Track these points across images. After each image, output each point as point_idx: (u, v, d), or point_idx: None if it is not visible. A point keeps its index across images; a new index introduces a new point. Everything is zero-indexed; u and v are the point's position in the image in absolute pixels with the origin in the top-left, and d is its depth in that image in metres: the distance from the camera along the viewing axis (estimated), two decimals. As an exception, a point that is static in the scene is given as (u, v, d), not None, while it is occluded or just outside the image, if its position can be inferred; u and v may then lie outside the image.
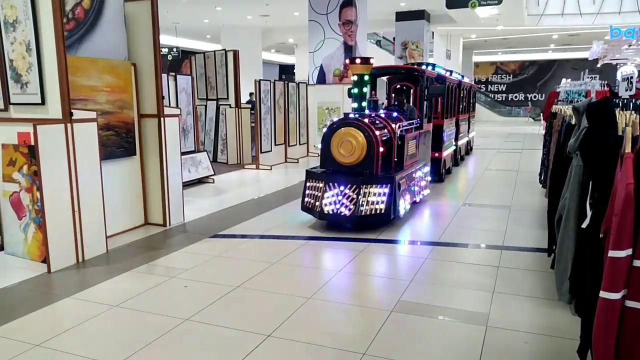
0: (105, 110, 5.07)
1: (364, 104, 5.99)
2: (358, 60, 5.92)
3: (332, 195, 5.43)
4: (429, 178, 7.24)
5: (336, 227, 5.56)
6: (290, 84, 11.69)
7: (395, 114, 6.47)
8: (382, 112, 6.33)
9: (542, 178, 7.80)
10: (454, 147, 10.07)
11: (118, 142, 5.25)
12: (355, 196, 5.33)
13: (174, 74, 9.74)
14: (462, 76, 12.12)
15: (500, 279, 4.13)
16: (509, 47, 30.24)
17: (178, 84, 9.55)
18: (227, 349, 2.99)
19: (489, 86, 35.74)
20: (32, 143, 4.16)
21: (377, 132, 5.52)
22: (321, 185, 5.56)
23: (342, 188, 5.40)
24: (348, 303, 3.71)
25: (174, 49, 22.16)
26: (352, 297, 3.83)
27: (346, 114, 5.90)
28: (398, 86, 7.62)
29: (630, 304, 1.83)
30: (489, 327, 3.26)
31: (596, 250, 2.12)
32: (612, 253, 1.82)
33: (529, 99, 33.95)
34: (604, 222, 2.04)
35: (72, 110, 4.34)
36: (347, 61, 5.42)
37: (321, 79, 13.28)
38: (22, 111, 4.47)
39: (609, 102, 2.57)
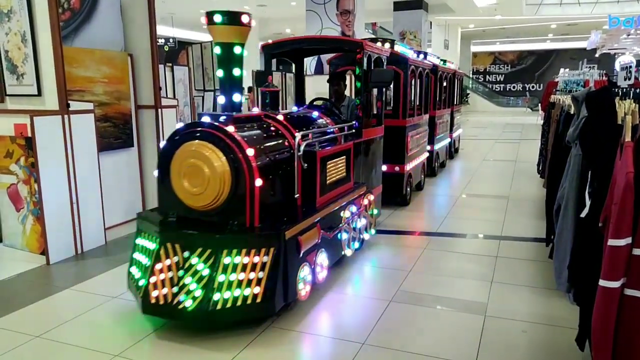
0: (102, 102, 5.04)
1: (237, 97, 3.50)
2: (218, 18, 3.25)
3: (169, 268, 3.02)
4: (376, 211, 4.90)
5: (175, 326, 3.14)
6: (287, 74, 11.63)
7: (316, 114, 4.37)
8: (283, 113, 3.92)
9: (540, 168, 7.81)
10: (426, 155, 7.62)
11: (115, 133, 5.22)
12: (207, 271, 2.94)
13: (170, 64, 9.69)
14: (443, 61, 9.72)
15: (499, 268, 4.14)
16: (507, 37, 30.16)
17: (175, 75, 9.50)
18: (227, 338, 2.99)
19: (487, 76, 35.68)
20: (29, 135, 4.14)
21: (252, 151, 3.12)
22: (153, 246, 3.21)
23: (186, 254, 3.04)
24: (347, 293, 3.72)
25: (171, 40, 22.02)
26: (352, 287, 3.84)
27: (201, 115, 3.41)
28: (340, 72, 5.69)
29: (629, 292, 1.83)
30: (488, 316, 3.28)
31: (595, 239, 2.12)
32: (611, 242, 1.82)
33: (527, 89, 33.93)
34: (603, 211, 2.04)
35: (69, 102, 4.32)
36: (204, 19, 3.30)
37: (319, 70, 13.21)
38: (18, 102, 4.44)
39: (608, 91, 2.56)
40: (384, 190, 5.54)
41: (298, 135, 3.51)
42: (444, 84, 9.32)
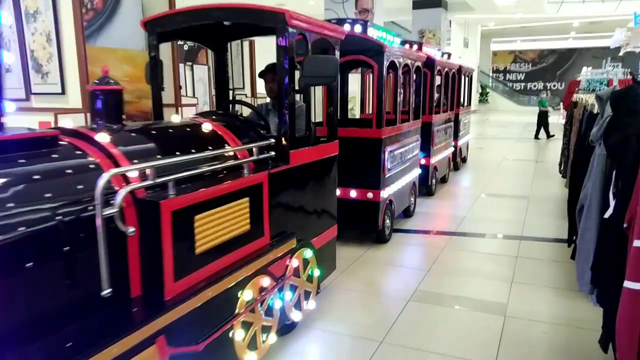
0: (126, 101, 5.11)
1: None
2: None
3: None
4: (318, 271, 3.20)
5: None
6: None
7: (207, 128, 2.72)
8: (112, 131, 2.29)
9: (562, 168, 7.69)
10: (418, 172, 5.97)
11: (136, 131, 5.30)
12: None
13: (190, 63, 9.78)
14: (447, 54, 8.19)
15: (519, 269, 4.10)
16: (528, 35, 29.75)
17: (195, 74, 9.59)
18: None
19: (507, 75, 35.23)
20: (53, 132, 4.22)
21: None
22: None
23: None
24: (366, 292, 3.71)
25: (190, 39, 22.20)
26: (370, 286, 3.83)
27: None
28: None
29: (655, 294, 1.80)
30: (507, 317, 3.24)
31: (619, 240, 2.09)
32: (637, 242, 1.79)
33: (549, 88, 33.40)
34: (628, 212, 2.00)
35: (92, 100, 4.39)
36: None
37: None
38: (43, 101, 4.53)
39: (634, 90, 2.51)
40: (352, 225, 4.56)
41: (108, 173, 1.85)
42: (447, 82, 7.70)
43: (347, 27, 4.38)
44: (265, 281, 2.59)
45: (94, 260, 1.78)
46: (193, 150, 2.43)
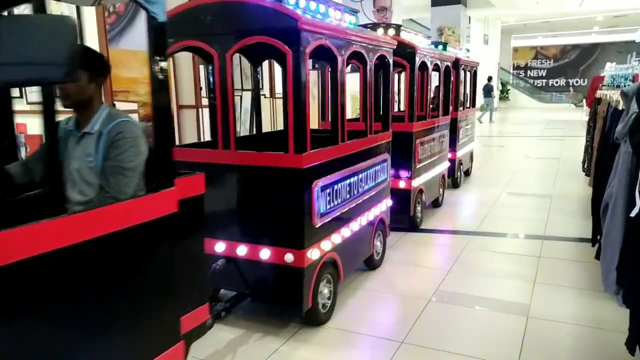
0: (146, 102, 5.19)
1: None
2: None
3: None
4: None
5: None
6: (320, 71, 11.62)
7: None
8: None
9: (585, 166, 7.56)
10: (387, 204, 4.19)
11: (158, 132, 5.37)
12: None
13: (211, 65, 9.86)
14: (442, 46, 6.25)
15: (542, 269, 4.04)
16: (550, 30, 29.27)
17: (214, 75, 9.66)
18: (266, 335, 3.03)
19: (528, 71, 34.70)
20: (77, 134, 4.30)
21: None
22: None
23: None
24: (385, 291, 3.70)
25: (209, 40, 22.38)
26: (390, 286, 3.82)
27: None
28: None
29: (683, 295, 1.76)
30: (530, 317, 3.20)
31: (646, 239, 2.05)
32: (664, 243, 1.75)
33: (571, 84, 32.80)
34: (655, 211, 1.96)
35: (114, 102, 4.47)
36: None
37: (355, 68, 13.15)
38: (67, 103, 4.63)
39: (661, 86, 2.46)
40: (267, 298, 3.11)
41: None
42: (439, 77, 6.15)
43: None
44: None
45: None
46: None
